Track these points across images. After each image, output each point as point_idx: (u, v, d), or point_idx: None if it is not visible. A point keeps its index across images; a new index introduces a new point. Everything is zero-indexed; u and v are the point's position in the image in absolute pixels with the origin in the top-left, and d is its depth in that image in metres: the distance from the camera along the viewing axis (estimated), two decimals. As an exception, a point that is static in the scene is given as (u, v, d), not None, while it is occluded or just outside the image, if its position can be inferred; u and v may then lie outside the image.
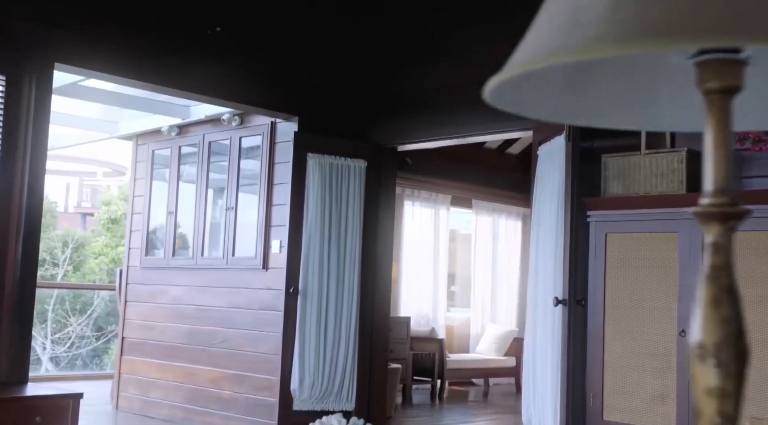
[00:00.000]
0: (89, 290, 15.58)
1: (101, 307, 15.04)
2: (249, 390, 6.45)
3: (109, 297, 14.83)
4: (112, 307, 14.77)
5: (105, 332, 14.56)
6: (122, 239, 18.11)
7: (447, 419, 8.11)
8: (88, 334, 14.40)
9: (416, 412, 8.17)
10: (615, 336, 4.66)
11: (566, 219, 4.79)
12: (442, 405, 8.81)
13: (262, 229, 6.50)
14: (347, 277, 6.30)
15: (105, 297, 14.98)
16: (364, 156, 6.44)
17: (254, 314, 6.50)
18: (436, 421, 7.90)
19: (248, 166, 6.83)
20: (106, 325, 14.70)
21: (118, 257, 17.60)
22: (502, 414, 8.70)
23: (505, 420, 8.37)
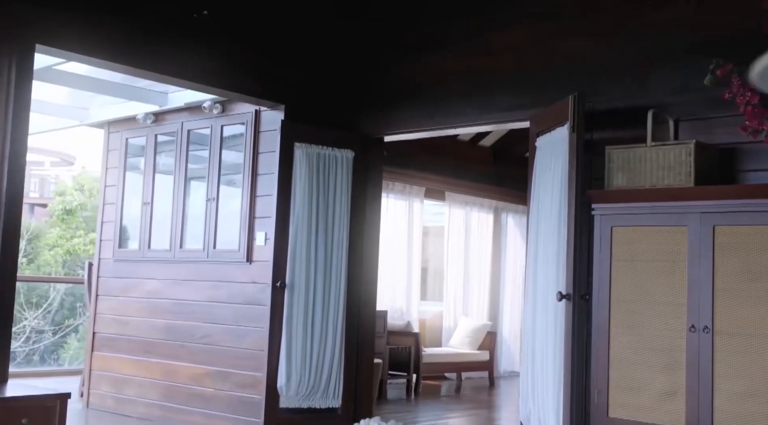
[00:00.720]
0: (45, 283, 15.12)
1: (58, 300, 14.61)
2: (232, 387, 6.24)
3: (65, 290, 14.42)
4: (70, 300, 14.37)
5: (62, 326, 14.15)
6: (78, 231, 17.68)
7: (428, 414, 7.99)
8: (44, 328, 13.98)
9: (394, 408, 8.04)
10: (621, 331, 4.57)
11: (570, 212, 4.68)
12: (418, 400, 8.70)
13: (245, 221, 6.29)
14: (334, 270, 6.13)
15: (62, 290, 14.56)
16: (351, 146, 6.27)
17: (237, 308, 6.29)
18: (419, 417, 7.78)
19: (230, 156, 6.60)
20: (64, 319, 14.29)
21: (74, 248, 17.16)
22: (479, 409, 8.62)
23: (483, 415, 8.29)
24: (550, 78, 5.42)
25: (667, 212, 4.48)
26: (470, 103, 5.83)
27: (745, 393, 4.12)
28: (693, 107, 4.88)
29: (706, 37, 4.82)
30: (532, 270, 5.17)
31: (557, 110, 5.01)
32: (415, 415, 7.82)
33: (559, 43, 5.40)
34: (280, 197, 5.91)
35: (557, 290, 4.79)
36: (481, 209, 11.23)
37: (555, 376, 4.77)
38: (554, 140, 5.06)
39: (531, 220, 5.25)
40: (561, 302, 4.69)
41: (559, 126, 5.00)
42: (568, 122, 4.83)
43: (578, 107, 4.76)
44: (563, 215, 4.83)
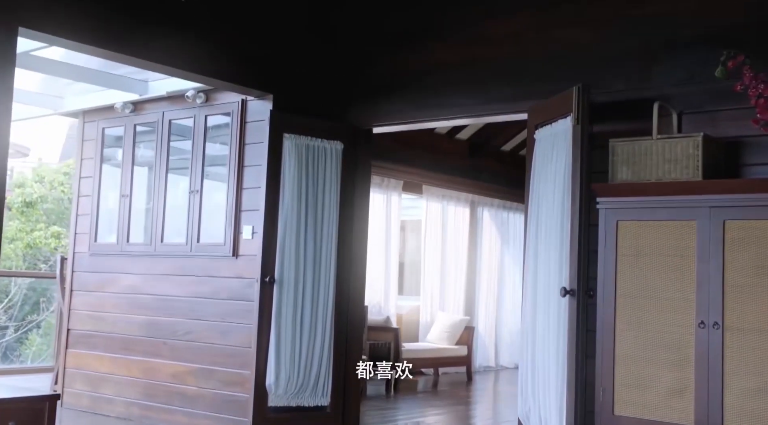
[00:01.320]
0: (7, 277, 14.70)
1: (20, 296, 14.21)
2: (217, 386, 6.05)
3: (27, 285, 14.03)
4: (32, 296, 13.99)
5: (24, 322, 13.77)
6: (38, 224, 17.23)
7: (413, 410, 7.86)
8: (6, 324, 13.59)
9: (377, 404, 7.90)
10: (627, 327, 4.48)
11: (575, 206, 4.58)
12: (398, 396, 8.57)
13: (231, 214, 6.09)
14: (323, 265, 5.97)
15: (23, 285, 14.16)
16: (340, 138, 6.11)
17: (222, 304, 6.10)
18: (404, 413, 7.65)
19: (214, 147, 6.40)
20: (26, 315, 13.90)
21: (35, 242, 16.72)
22: (461, 405, 8.52)
23: (465, 411, 8.19)
24: (550, 69, 5.31)
25: (675, 206, 4.39)
26: (465, 94, 5.70)
27: (757, 389, 4.05)
28: (696, 100, 4.80)
29: (711, 27, 4.75)
30: (532, 265, 5.06)
31: (559, 102, 4.90)
32: (403, 412, 7.69)
33: (559, 33, 5.29)
34: (269, 190, 5.73)
35: (560, 285, 4.69)
36: (458, 203, 11.13)
37: (558, 373, 4.67)
38: (555, 132, 4.95)
39: (530, 214, 5.14)
40: (564, 298, 4.59)
41: (561, 118, 4.89)
42: (571, 113, 4.72)
43: (583, 98, 4.65)
44: (566, 208, 4.72)
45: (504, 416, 7.79)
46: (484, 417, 7.85)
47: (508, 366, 11.68)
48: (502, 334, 11.72)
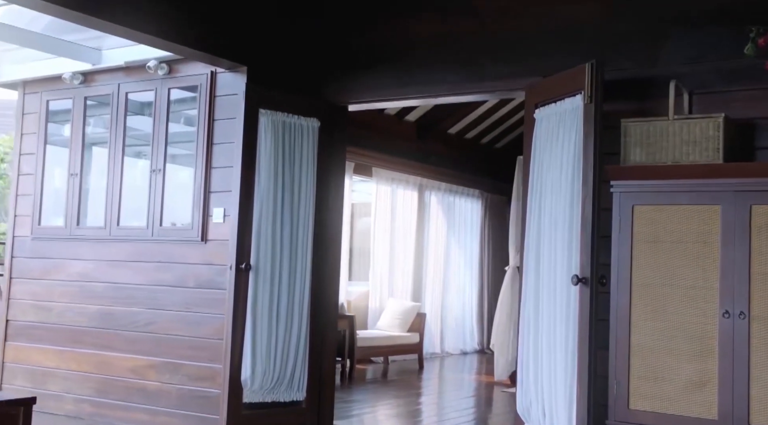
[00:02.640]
0: None
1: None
2: (183, 381, 5.60)
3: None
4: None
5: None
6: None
7: (380, 401, 7.55)
8: None
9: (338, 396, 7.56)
10: (644, 317, 4.26)
11: (588, 189, 4.32)
12: (353, 387, 8.25)
13: (199, 195, 5.64)
14: (300, 251, 5.58)
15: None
16: (317, 115, 5.71)
17: (189, 293, 5.65)
18: (371, 405, 7.34)
19: (178, 122, 5.91)
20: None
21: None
22: (428, 395, 8.26)
23: (436, 400, 7.93)
24: (549, 45, 5.03)
25: (696, 190, 4.19)
26: (454, 70, 5.37)
27: (786, 382, 3.90)
28: (707, 79, 4.61)
29: (723, 3, 4.55)
30: (534, 252, 4.80)
31: (567, 79, 4.63)
32: (370, 403, 7.37)
33: (561, 7, 5.01)
34: (244, 170, 5.30)
35: (569, 273, 4.44)
36: (407, 187, 10.84)
37: (566, 365, 4.42)
38: (562, 111, 4.68)
39: (532, 197, 4.87)
40: (576, 286, 4.34)
41: (569, 96, 4.62)
42: (581, 91, 4.46)
43: (597, 75, 4.39)
44: (576, 192, 4.47)
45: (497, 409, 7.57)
46: (465, 406, 7.61)
47: (454, 352, 11.50)
48: (448, 320, 11.52)
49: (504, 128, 12.06)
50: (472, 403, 7.79)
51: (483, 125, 11.67)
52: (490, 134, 12.15)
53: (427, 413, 7.23)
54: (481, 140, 12.19)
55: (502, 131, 12.19)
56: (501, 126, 11.95)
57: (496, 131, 12.09)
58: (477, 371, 10.00)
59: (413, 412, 7.21)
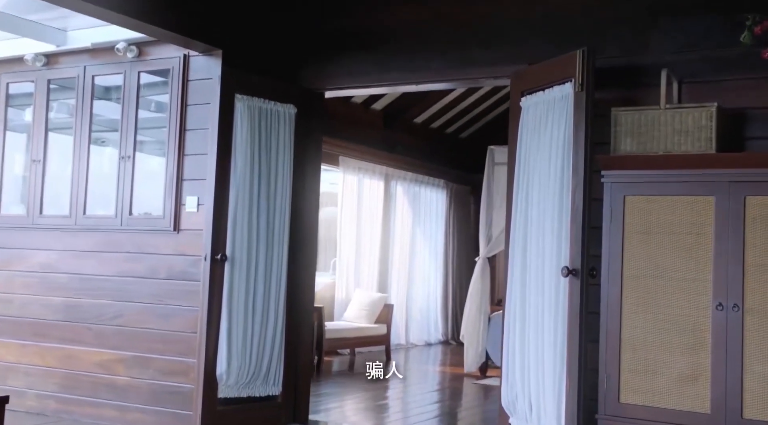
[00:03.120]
0: None
1: None
2: (154, 376, 5.40)
3: None
4: None
5: None
6: None
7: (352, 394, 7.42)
8: None
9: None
10: (635, 309, 4.19)
11: (578, 179, 4.22)
12: (321, 380, 8.11)
13: (172, 183, 5.43)
14: (276, 241, 5.41)
15: None
16: (293, 101, 5.54)
17: (160, 284, 5.45)
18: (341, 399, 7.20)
19: (147, 108, 5.69)
20: None
21: None
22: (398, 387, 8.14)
23: (399, 390, 7.82)
24: (536, 32, 4.94)
25: (690, 180, 4.12)
26: (437, 56, 5.24)
27: (780, 375, 3.85)
28: (696, 68, 4.54)
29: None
30: (521, 243, 4.70)
31: (556, 66, 4.53)
32: (336, 397, 7.23)
33: (547, -7, 4.92)
34: (220, 157, 5.11)
35: (558, 264, 4.35)
36: (373, 176, 10.70)
37: (555, 359, 4.34)
38: (550, 100, 4.58)
39: (518, 187, 4.76)
40: (564, 278, 4.24)
41: (558, 84, 4.52)
42: (572, 79, 4.36)
43: (588, 62, 4.29)
44: (566, 181, 4.37)
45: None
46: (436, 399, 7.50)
47: (418, 343, 11.41)
48: (413, 311, 11.43)
49: (469, 118, 11.98)
50: (442, 395, 7.70)
51: (449, 114, 11.58)
52: (456, 124, 12.07)
53: (399, 406, 7.12)
54: (446, 130, 12.10)
55: (468, 121, 12.11)
56: (466, 116, 11.87)
57: (462, 120, 12.01)
58: (445, 362, 9.93)
59: (384, 405, 7.09)
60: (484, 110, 11.88)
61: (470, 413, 6.84)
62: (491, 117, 12.21)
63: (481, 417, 6.60)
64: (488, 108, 11.87)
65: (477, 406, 7.01)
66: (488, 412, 6.73)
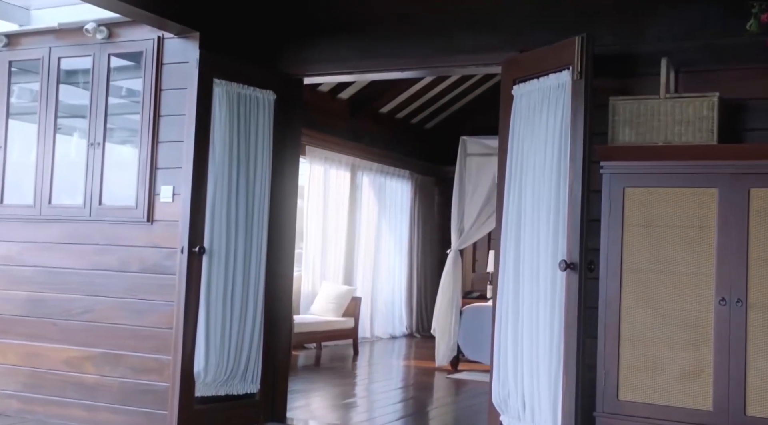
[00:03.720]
0: None
1: None
2: (126, 374, 5.16)
3: None
4: None
5: None
6: None
7: (319, 389, 7.22)
8: None
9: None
10: (635, 304, 4.07)
11: (577, 170, 4.08)
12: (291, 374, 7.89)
13: (145, 172, 5.17)
14: (255, 233, 5.20)
15: None
16: (272, 87, 5.32)
17: (133, 278, 5.20)
18: (311, 395, 7.01)
19: (118, 92, 5.42)
20: None
21: None
22: (364, 383, 7.98)
23: (371, 385, 7.65)
24: (528, 18, 4.79)
25: (692, 172, 4.01)
26: (424, 43, 5.07)
27: (785, 371, 3.77)
28: (694, 58, 4.44)
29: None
30: (514, 236, 4.55)
31: (552, 53, 4.39)
32: (305, 393, 7.03)
33: (541, -22, 4.77)
34: (198, 145, 4.87)
35: (554, 258, 4.23)
36: (340, 167, 10.50)
37: (550, 355, 4.21)
38: (545, 88, 4.44)
39: (510, 178, 4.62)
40: (562, 272, 4.11)
41: (554, 72, 4.38)
42: (569, 67, 4.22)
43: (587, 50, 4.15)
44: (563, 173, 4.24)
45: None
46: (409, 395, 7.35)
47: (383, 336, 11.26)
48: (378, 304, 11.27)
49: (435, 108, 11.85)
50: (416, 391, 7.56)
51: (415, 104, 11.43)
52: (421, 114, 11.93)
53: (373, 402, 6.94)
54: (411, 120, 11.95)
55: (433, 112, 11.98)
56: (432, 106, 11.74)
57: (427, 111, 11.87)
58: (414, 356, 9.78)
59: (357, 402, 6.92)
60: (450, 100, 11.77)
61: (452, 408, 6.71)
62: (457, 107, 12.12)
63: (461, 413, 6.47)
64: (454, 98, 11.76)
65: (456, 402, 6.88)
66: (465, 407, 6.61)
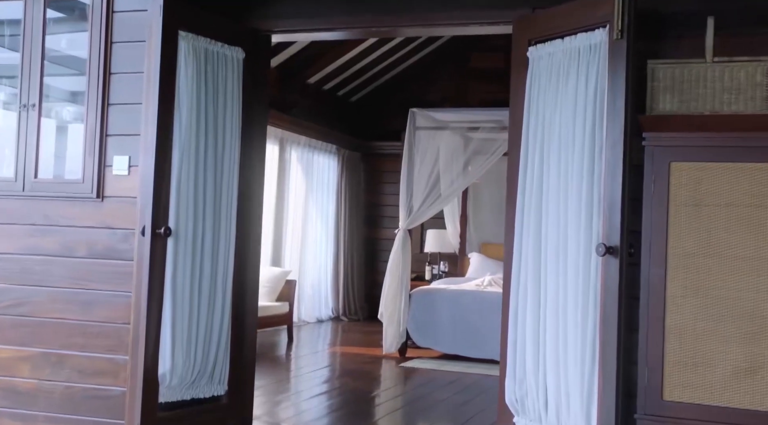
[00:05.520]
0: None
1: None
2: (72, 377, 4.39)
3: None
4: None
5: None
6: None
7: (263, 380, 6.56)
8: None
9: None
10: (682, 293, 3.64)
11: (618, 142, 3.58)
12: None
13: (93, 140, 4.39)
14: (225, 212, 4.50)
15: None
16: (241, 44, 4.61)
17: (79, 264, 4.42)
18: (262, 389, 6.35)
19: (58, 45, 4.60)
20: None
21: None
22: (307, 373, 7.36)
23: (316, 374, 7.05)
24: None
25: (750, 145, 3.59)
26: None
27: None
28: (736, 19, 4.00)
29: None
30: (533, 217, 4.04)
31: (584, 10, 3.88)
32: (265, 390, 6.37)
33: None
34: (163, 107, 4.11)
35: (587, 240, 3.75)
36: (268, 140, 9.73)
37: (584, 351, 3.74)
38: (573, 49, 3.93)
39: (528, 151, 4.09)
40: (600, 257, 3.63)
41: (583, 31, 3.88)
42: (607, 24, 3.72)
43: (630, 4, 3.66)
44: (598, 145, 3.76)
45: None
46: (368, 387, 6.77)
47: (309, 320, 10.65)
48: (305, 287, 10.63)
49: (362, 80, 11.29)
50: (371, 381, 7.01)
51: (342, 76, 10.83)
52: (348, 86, 11.34)
53: (333, 397, 6.34)
54: (338, 92, 11.34)
55: (360, 84, 11.41)
56: (360, 78, 11.17)
57: (354, 82, 11.29)
58: (356, 342, 9.19)
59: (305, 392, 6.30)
60: (379, 71, 11.22)
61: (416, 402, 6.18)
62: (383, 80, 11.60)
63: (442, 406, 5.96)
64: (382, 71, 11.24)
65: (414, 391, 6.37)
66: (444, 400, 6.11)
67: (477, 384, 6.67)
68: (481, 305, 7.74)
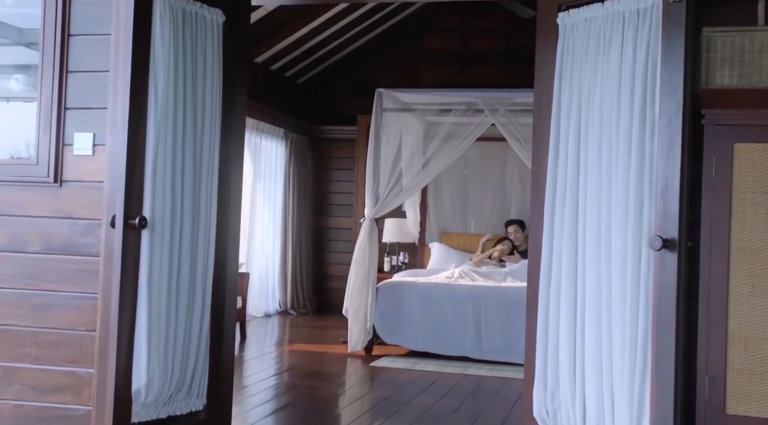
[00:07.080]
0: None
1: None
2: (23, 394, 3.72)
3: None
4: None
5: None
6: None
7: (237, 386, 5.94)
8: None
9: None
10: (748, 292, 3.21)
11: (675, 120, 3.14)
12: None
13: (49, 114, 3.71)
14: (204, 199, 3.89)
15: None
16: (220, 5, 4.00)
17: (31, 261, 3.75)
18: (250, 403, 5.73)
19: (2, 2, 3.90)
20: None
21: None
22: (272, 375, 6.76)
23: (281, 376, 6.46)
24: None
25: (827, 124, 3.18)
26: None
27: None
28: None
29: None
30: (570, 206, 3.56)
31: (629, -31, 3.41)
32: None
33: None
34: (136, 74, 3.47)
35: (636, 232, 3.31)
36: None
37: (633, 358, 3.29)
38: (617, 14, 3.46)
39: (560, 134, 3.61)
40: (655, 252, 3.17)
41: (627, -7, 3.41)
42: (662, -15, 3.25)
43: (689, -37, 3.20)
44: (649, 125, 3.29)
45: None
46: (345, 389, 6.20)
47: (257, 315, 10.01)
48: (253, 279, 9.98)
49: (310, 61, 10.68)
50: (340, 384, 6.46)
51: (290, 55, 10.21)
52: (295, 67, 10.71)
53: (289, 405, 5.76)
54: (285, 73, 10.70)
55: (308, 64, 10.80)
56: (308, 59, 10.56)
57: (302, 63, 10.67)
58: (309, 338, 8.60)
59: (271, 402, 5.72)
60: (328, 52, 10.63)
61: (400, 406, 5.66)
62: (332, 61, 11.01)
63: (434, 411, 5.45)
64: (331, 51, 10.65)
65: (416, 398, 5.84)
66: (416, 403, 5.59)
67: (461, 386, 6.20)
68: (453, 299, 7.27)
